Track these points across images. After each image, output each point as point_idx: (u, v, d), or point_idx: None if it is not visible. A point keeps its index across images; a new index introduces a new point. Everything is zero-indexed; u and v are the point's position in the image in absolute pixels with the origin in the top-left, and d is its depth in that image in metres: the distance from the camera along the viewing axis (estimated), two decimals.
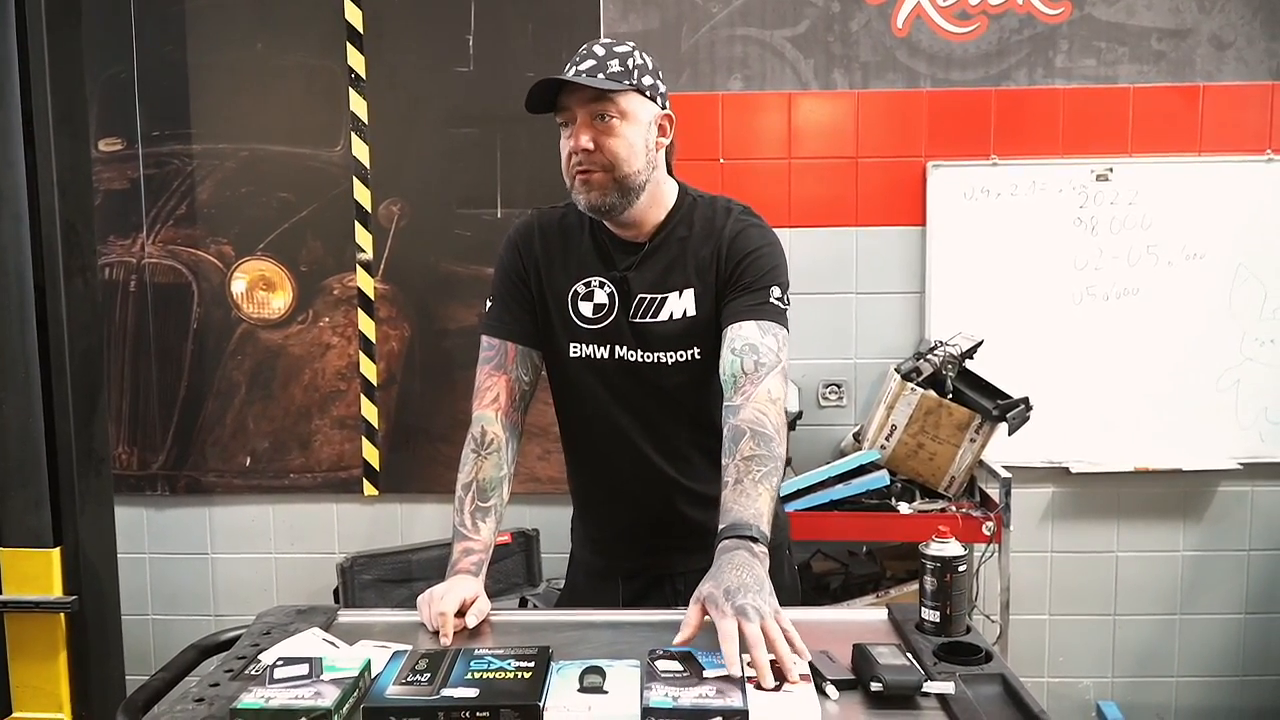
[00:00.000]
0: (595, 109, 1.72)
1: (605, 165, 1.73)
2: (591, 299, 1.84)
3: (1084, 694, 3.36)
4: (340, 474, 3.34)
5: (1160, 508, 3.30)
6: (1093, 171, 3.17)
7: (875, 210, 3.23)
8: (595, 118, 1.72)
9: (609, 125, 1.73)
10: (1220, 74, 3.16)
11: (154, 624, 3.39)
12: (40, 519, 2.74)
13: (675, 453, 1.87)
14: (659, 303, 1.82)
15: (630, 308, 1.82)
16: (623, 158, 1.73)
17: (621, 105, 1.73)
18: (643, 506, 1.90)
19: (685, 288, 1.82)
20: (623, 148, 1.74)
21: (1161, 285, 3.19)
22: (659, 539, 1.90)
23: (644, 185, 1.78)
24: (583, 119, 1.73)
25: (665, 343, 1.82)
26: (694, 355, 1.82)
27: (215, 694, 1.38)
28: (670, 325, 1.81)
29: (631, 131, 1.75)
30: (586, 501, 2.02)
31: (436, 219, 3.26)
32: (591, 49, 1.75)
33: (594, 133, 1.72)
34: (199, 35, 3.24)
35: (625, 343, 1.83)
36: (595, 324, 1.84)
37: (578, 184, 1.76)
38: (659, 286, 1.82)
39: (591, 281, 1.84)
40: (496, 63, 3.21)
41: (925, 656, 1.47)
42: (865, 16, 3.18)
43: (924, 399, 2.84)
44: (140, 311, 3.30)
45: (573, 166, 1.75)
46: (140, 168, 3.27)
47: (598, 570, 1.97)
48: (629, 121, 1.74)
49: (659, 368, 1.83)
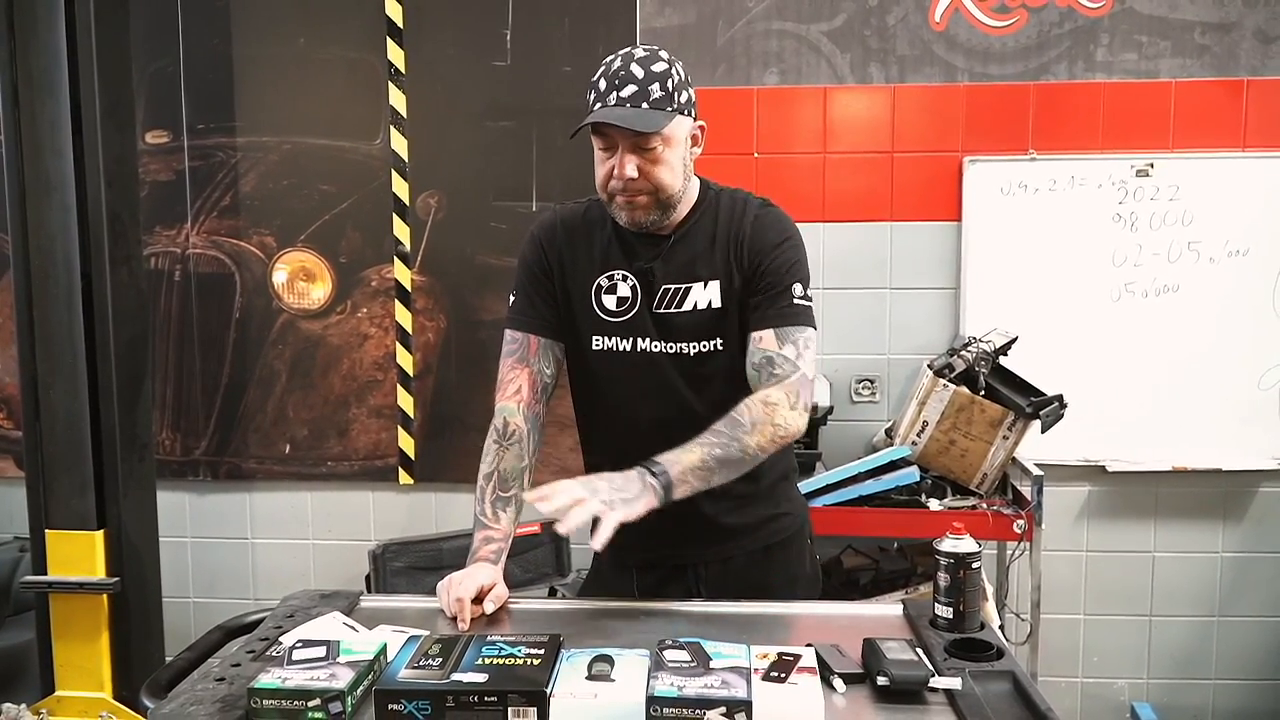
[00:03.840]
0: (640, 140, 1.73)
1: (648, 190, 1.76)
2: (615, 292, 1.86)
3: (1119, 695, 3.33)
4: (376, 462, 3.40)
5: (1199, 508, 3.26)
6: (1133, 167, 3.12)
7: (911, 205, 3.22)
8: (639, 148, 1.73)
9: (653, 154, 1.74)
10: (1265, 68, 3.10)
11: (194, 606, 3.47)
12: (85, 502, 2.82)
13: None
14: (683, 293, 1.84)
15: (654, 299, 1.84)
16: (666, 183, 1.77)
17: (665, 133, 1.74)
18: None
19: (710, 279, 1.84)
20: (666, 174, 1.76)
21: (1202, 282, 3.14)
22: (677, 531, 1.91)
23: (681, 197, 1.82)
24: (626, 147, 1.73)
25: (688, 333, 1.84)
26: (717, 346, 1.84)
27: (236, 673, 1.42)
28: (694, 316, 1.83)
29: (673, 155, 1.77)
30: None
31: (473, 212, 3.29)
32: (630, 70, 1.73)
33: (638, 160, 1.73)
34: (243, 30, 3.30)
35: (648, 334, 1.85)
36: (618, 317, 1.86)
37: (620, 204, 1.79)
38: (684, 277, 1.84)
39: (615, 274, 1.87)
40: (533, 57, 3.24)
41: (936, 652, 1.48)
42: (902, 10, 3.16)
43: (956, 395, 2.82)
44: (184, 301, 3.38)
45: (612, 189, 1.77)
46: (185, 160, 3.34)
47: (615, 560, 1.98)
48: (671, 146, 1.76)
49: (681, 359, 1.84)
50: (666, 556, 1.94)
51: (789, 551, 1.99)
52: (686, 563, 1.94)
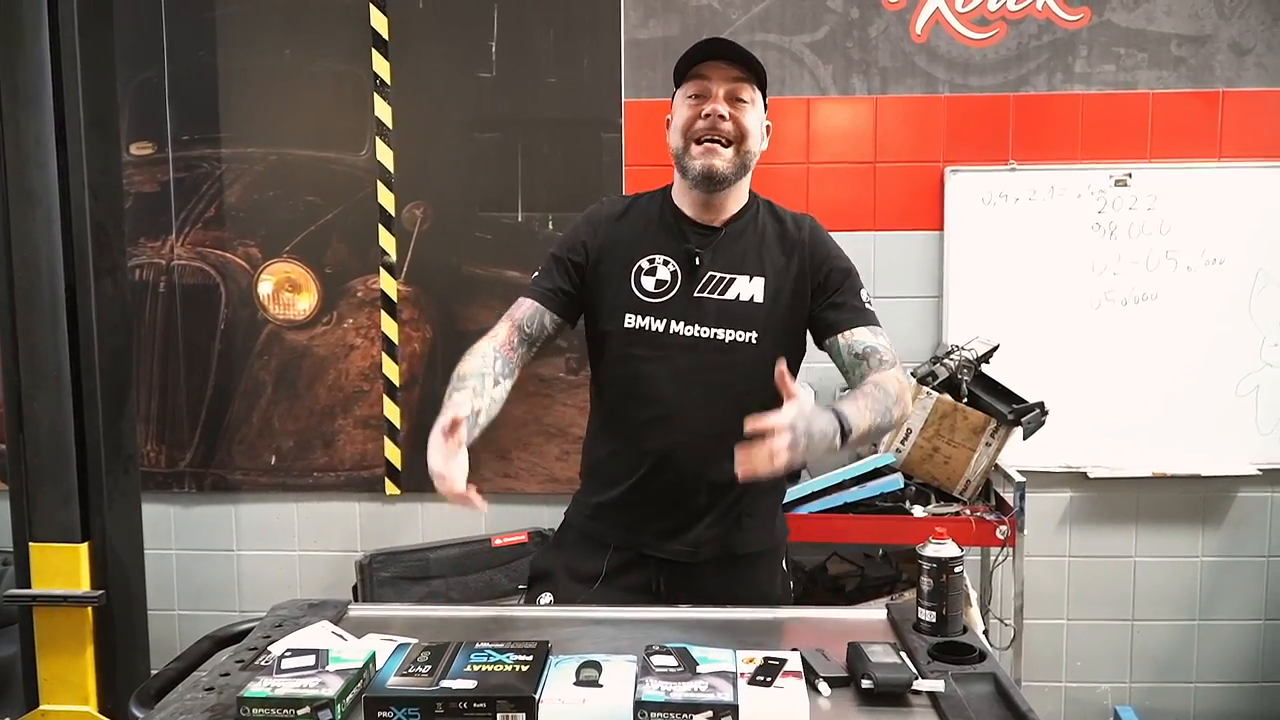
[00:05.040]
0: (734, 89, 1.90)
1: (734, 137, 1.91)
2: (654, 274, 1.95)
3: (1101, 699, 3.36)
4: (363, 473, 3.40)
5: (1179, 513, 3.29)
6: (1111, 177, 3.16)
7: (893, 215, 3.25)
8: (732, 96, 1.90)
9: (742, 105, 1.91)
10: (1240, 80, 3.15)
11: (180, 619, 3.45)
12: (69, 514, 2.81)
13: (711, 433, 1.89)
14: (728, 283, 1.94)
15: (698, 283, 1.93)
16: (752, 132, 1.93)
17: (753, 93, 1.93)
18: (657, 483, 1.95)
19: (757, 275, 1.95)
20: (753, 123, 1.93)
21: (1180, 290, 3.18)
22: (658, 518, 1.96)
23: (750, 168, 1.98)
24: (723, 92, 1.90)
25: (727, 320, 1.92)
26: (751, 339, 1.93)
27: (225, 683, 1.43)
28: (736, 305, 1.93)
29: (757, 116, 1.95)
30: (601, 473, 2.05)
31: (459, 222, 3.30)
32: (727, 42, 1.91)
33: (731, 106, 1.90)
34: (228, 41, 3.30)
35: (685, 318, 1.93)
36: (656, 298, 1.94)
37: (702, 150, 1.90)
38: (732, 268, 1.95)
39: (656, 258, 1.96)
40: (518, 69, 3.25)
41: (919, 655, 1.50)
42: (884, 22, 3.20)
43: (940, 403, 2.85)
44: (169, 312, 3.37)
45: (698, 131, 1.90)
46: (170, 171, 3.33)
47: (591, 534, 2.03)
48: (755, 109, 1.94)
49: (714, 344, 1.92)
50: (640, 543, 1.97)
51: (758, 569, 2.02)
52: (652, 555, 1.97)
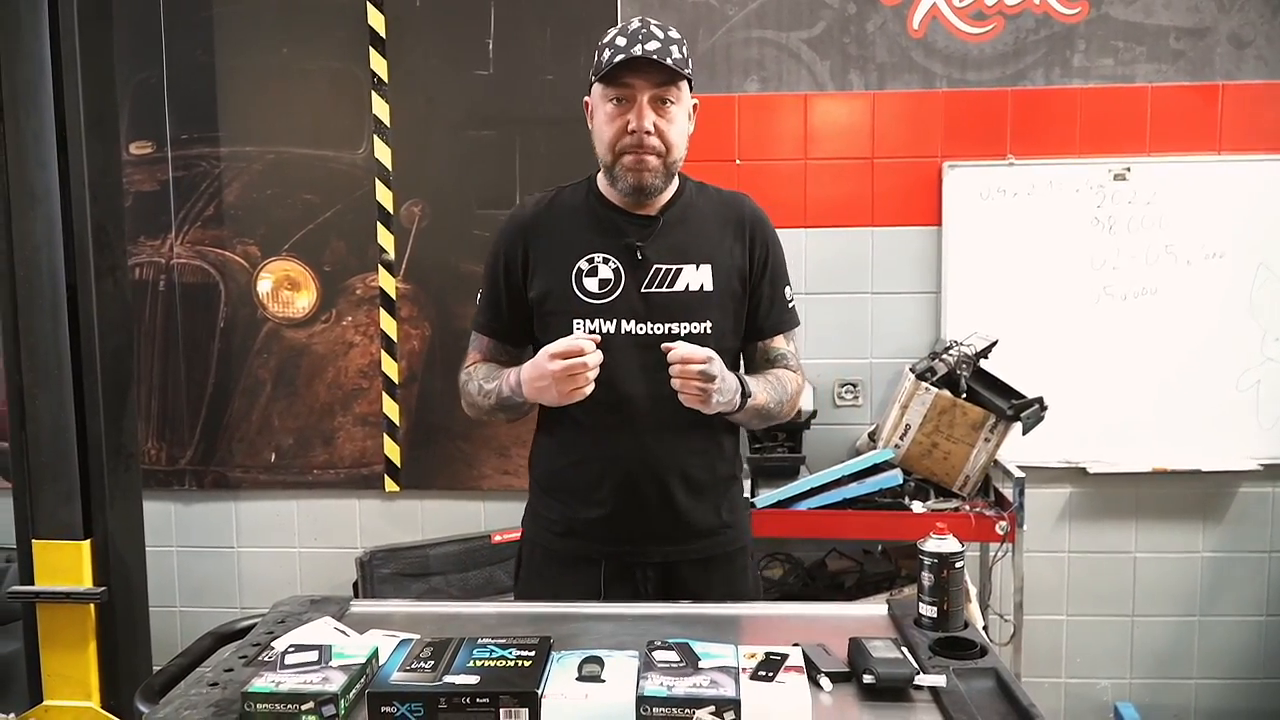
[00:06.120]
0: (660, 93, 1.81)
1: (659, 150, 1.82)
2: (596, 274, 1.88)
3: (1101, 695, 3.36)
4: (362, 470, 3.40)
5: (1179, 509, 3.29)
6: (1110, 171, 3.16)
7: (891, 210, 3.25)
8: (658, 101, 1.81)
9: (667, 111, 1.82)
10: (1240, 73, 3.15)
11: (181, 615, 3.46)
12: (71, 512, 2.81)
13: (675, 432, 1.88)
14: (675, 273, 1.88)
15: (644, 278, 1.87)
16: (676, 144, 1.85)
17: (679, 92, 1.83)
18: (634, 488, 1.89)
19: (704, 262, 1.89)
20: (677, 135, 1.85)
21: (1180, 285, 3.18)
22: (643, 523, 1.90)
23: (678, 168, 1.90)
24: (647, 100, 1.80)
25: (678, 313, 1.87)
26: (706, 329, 1.88)
27: (229, 678, 1.43)
28: (685, 296, 1.88)
29: (682, 119, 1.86)
30: (567, 485, 1.96)
31: (456, 219, 3.31)
32: (650, 29, 1.80)
33: (655, 115, 1.81)
34: (226, 40, 3.31)
35: (634, 316, 1.87)
36: (601, 299, 1.88)
37: (629, 163, 1.83)
38: (677, 257, 1.89)
39: (595, 257, 1.89)
40: (515, 66, 3.26)
41: (921, 651, 1.50)
42: (881, 18, 3.20)
43: (938, 398, 2.85)
44: (169, 310, 3.38)
45: (625, 144, 1.82)
46: (169, 170, 3.34)
47: (566, 553, 1.95)
48: (680, 108, 1.85)
49: (669, 339, 1.82)
50: (627, 553, 1.92)
51: (731, 567, 1.99)
52: (638, 562, 1.92)
